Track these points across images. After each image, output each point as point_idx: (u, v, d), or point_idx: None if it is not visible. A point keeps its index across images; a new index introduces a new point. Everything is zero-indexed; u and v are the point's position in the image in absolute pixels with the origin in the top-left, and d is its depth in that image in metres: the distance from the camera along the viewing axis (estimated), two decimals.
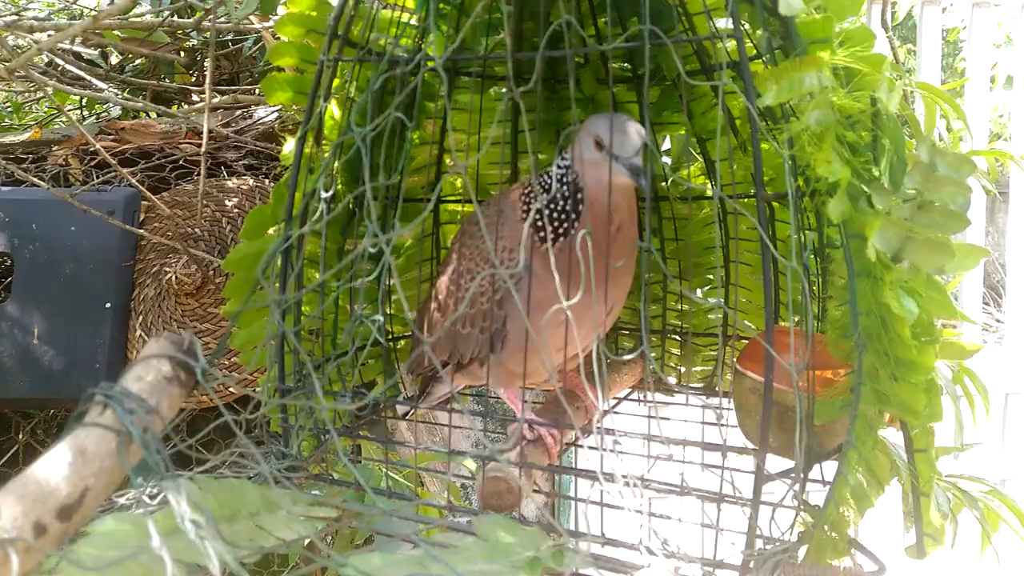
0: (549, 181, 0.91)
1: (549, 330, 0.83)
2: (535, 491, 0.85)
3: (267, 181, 1.92)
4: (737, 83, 0.73)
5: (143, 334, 1.84)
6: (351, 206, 1.02)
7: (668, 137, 1.20)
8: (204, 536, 0.50)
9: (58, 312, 1.82)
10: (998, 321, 4.21)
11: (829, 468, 0.77)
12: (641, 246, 0.74)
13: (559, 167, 0.91)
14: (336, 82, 0.97)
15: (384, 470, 1.10)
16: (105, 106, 2.52)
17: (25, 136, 2.14)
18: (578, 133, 0.90)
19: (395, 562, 0.60)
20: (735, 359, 0.96)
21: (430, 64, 1.06)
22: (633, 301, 1.26)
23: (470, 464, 1.23)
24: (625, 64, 1.09)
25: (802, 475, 0.73)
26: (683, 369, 1.23)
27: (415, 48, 1.00)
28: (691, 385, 1.21)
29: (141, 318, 1.85)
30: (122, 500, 0.75)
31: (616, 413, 1.15)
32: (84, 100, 2.55)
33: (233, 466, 0.91)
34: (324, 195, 0.84)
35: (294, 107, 0.98)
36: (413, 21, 1.00)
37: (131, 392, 0.55)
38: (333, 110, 0.98)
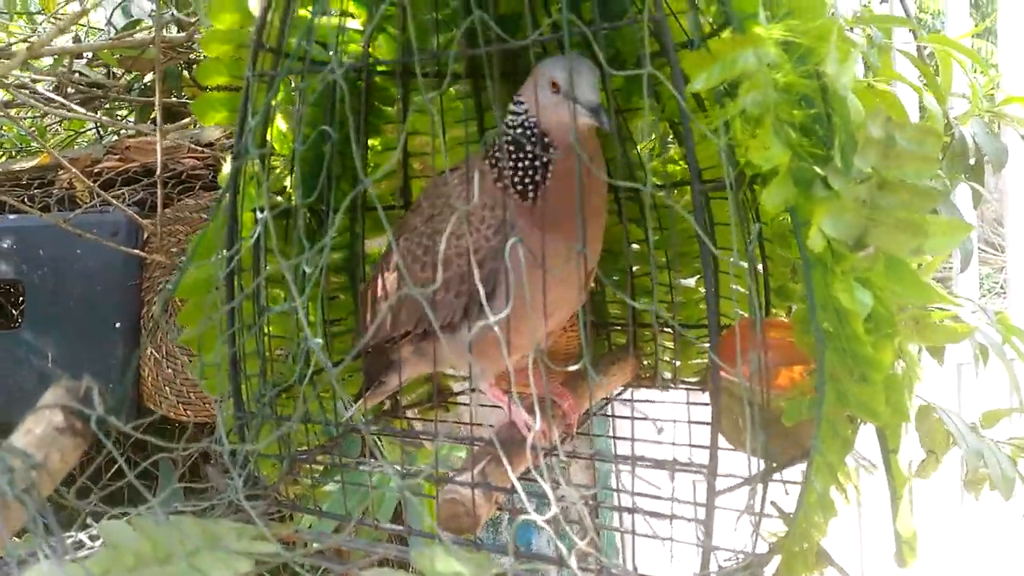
0: (509, 133, 0.87)
1: (543, 288, 0.79)
2: (498, 509, 0.81)
3: None
4: (664, 71, 0.67)
5: (154, 352, 1.84)
6: (309, 220, 0.99)
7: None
8: None
9: (70, 335, 1.84)
10: None
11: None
12: (577, 248, 0.69)
13: (514, 115, 0.87)
14: (281, 95, 0.94)
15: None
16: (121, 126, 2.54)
17: (35, 162, 2.17)
18: (530, 78, 0.87)
19: None
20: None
21: (380, 68, 1.03)
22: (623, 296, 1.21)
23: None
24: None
25: (760, 482, 0.68)
26: (677, 363, 1.18)
27: (361, 54, 0.97)
28: (685, 380, 1.16)
29: (152, 336, 1.85)
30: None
31: (604, 416, 1.10)
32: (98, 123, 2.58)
33: (193, 496, 0.90)
34: (259, 215, 0.81)
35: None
36: (356, 25, 0.96)
37: (14, 447, 0.52)
38: (280, 124, 0.95)
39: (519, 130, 0.86)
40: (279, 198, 0.95)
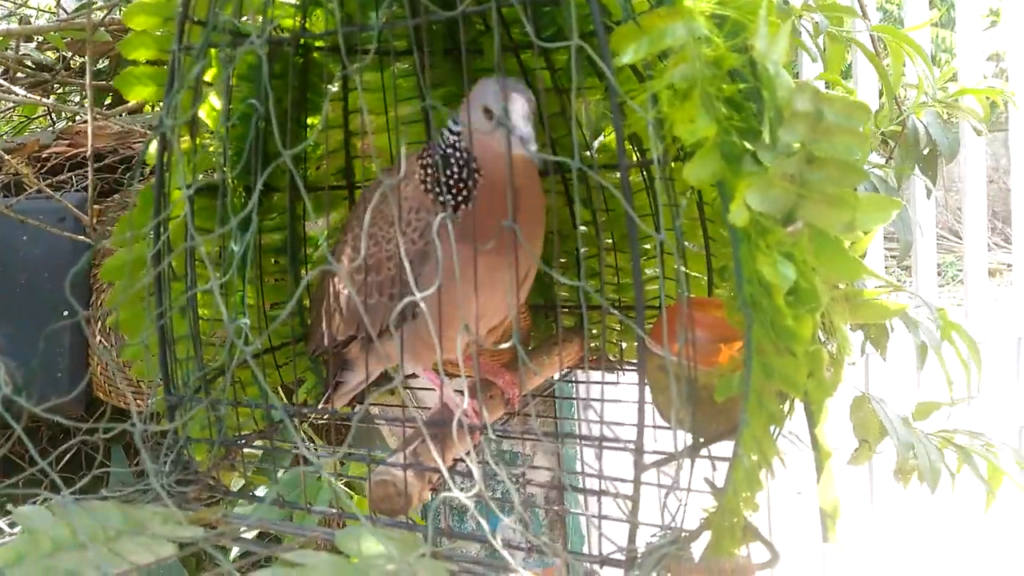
0: (442, 148, 0.86)
1: (464, 296, 0.79)
2: (432, 490, 0.80)
3: None
4: (591, 42, 0.66)
5: (103, 340, 1.80)
6: (244, 200, 0.97)
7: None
8: None
9: (16, 323, 1.80)
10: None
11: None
12: (507, 224, 0.68)
13: (450, 133, 0.86)
14: (215, 71, 0.92)
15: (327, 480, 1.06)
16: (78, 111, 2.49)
17: None
18: (467, 100, 0.85)
19: None
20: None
21: (318, 44, 1.01)
22: (571, 276, 1.20)
23: None
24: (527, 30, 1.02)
25: (687, 457, 0.67)
26: (624, 345, 1.17)
27: (297, 28, 0.95)
28: (631, 361, 1.15)
29: (100, 324, 1.82)
30: None
31: (548, 397, 1.10)
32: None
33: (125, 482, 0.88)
34: (187, 192, 0.79)
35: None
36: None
37: None
38: (212, 101, 0.93)
39: (450, 150, 0.85)
40: (214, 176, 0.93)
